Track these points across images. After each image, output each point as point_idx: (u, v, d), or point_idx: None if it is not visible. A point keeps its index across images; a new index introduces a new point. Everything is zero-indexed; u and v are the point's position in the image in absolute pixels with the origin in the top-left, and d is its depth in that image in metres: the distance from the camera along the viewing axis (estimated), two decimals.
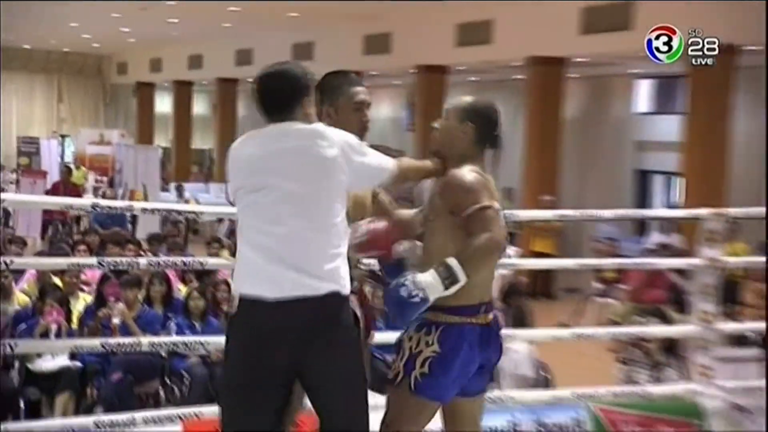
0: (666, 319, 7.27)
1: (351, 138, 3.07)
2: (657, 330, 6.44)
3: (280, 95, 3.03)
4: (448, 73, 16.52)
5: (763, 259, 7.74)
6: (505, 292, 7.16)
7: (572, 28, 13.10)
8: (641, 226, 15.19)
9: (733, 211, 5.58)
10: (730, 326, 5.67)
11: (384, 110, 23.39)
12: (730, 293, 8.23)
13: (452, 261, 2.96)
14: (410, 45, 16.49)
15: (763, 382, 5.32)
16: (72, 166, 19.74)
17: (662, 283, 8.85)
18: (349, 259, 3.07)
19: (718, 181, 11.80)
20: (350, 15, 16.66)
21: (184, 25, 19.76)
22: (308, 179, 2.96)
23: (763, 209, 5.79)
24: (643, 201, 17.15)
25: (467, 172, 3.13)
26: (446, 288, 2.95)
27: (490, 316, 3.15)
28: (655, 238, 11.85)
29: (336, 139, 3.01)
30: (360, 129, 3.27)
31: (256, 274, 2.94)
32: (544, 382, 6.53)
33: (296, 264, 2.91)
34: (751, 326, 6.45)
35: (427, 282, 2.95)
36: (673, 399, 4.89)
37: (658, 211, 14.70)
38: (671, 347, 6.87)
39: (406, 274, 3.02)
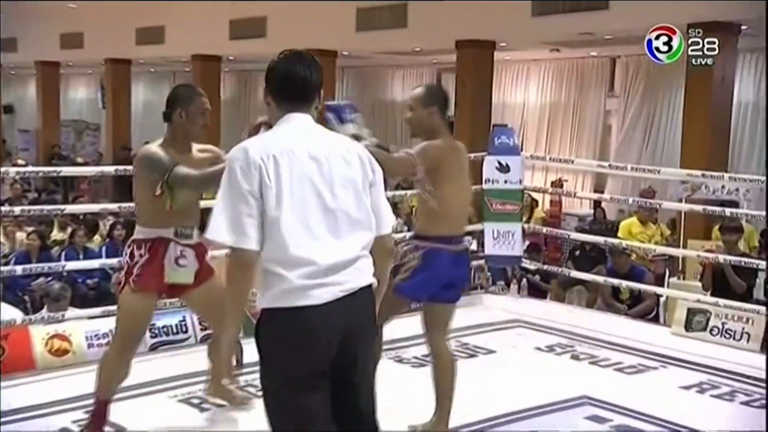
0: None
1: None
2: None
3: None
4: (132, 65, 15.57)
5: None
6: None
7: (225, 34, 12.88)
8: None
9: None
10: None
11: (82, 92, 21.51)
12: None
13: (372, 142, 2.76)
14: (100, 42, 15.21)
15: None
16: None
17: None
18: None
19: None
20: (47, 15, 15.04)
21: None
22: None
23: None
24: None
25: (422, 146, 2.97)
26: (351, 126, 2.75)
27: (461, 246, 3.07)
28: None
29: None
30: (201, 127, 3.08)
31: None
32: None
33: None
34: None
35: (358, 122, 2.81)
36: None
37: None
38: None
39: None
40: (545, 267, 6.32)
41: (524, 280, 6.33)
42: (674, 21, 4.67)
